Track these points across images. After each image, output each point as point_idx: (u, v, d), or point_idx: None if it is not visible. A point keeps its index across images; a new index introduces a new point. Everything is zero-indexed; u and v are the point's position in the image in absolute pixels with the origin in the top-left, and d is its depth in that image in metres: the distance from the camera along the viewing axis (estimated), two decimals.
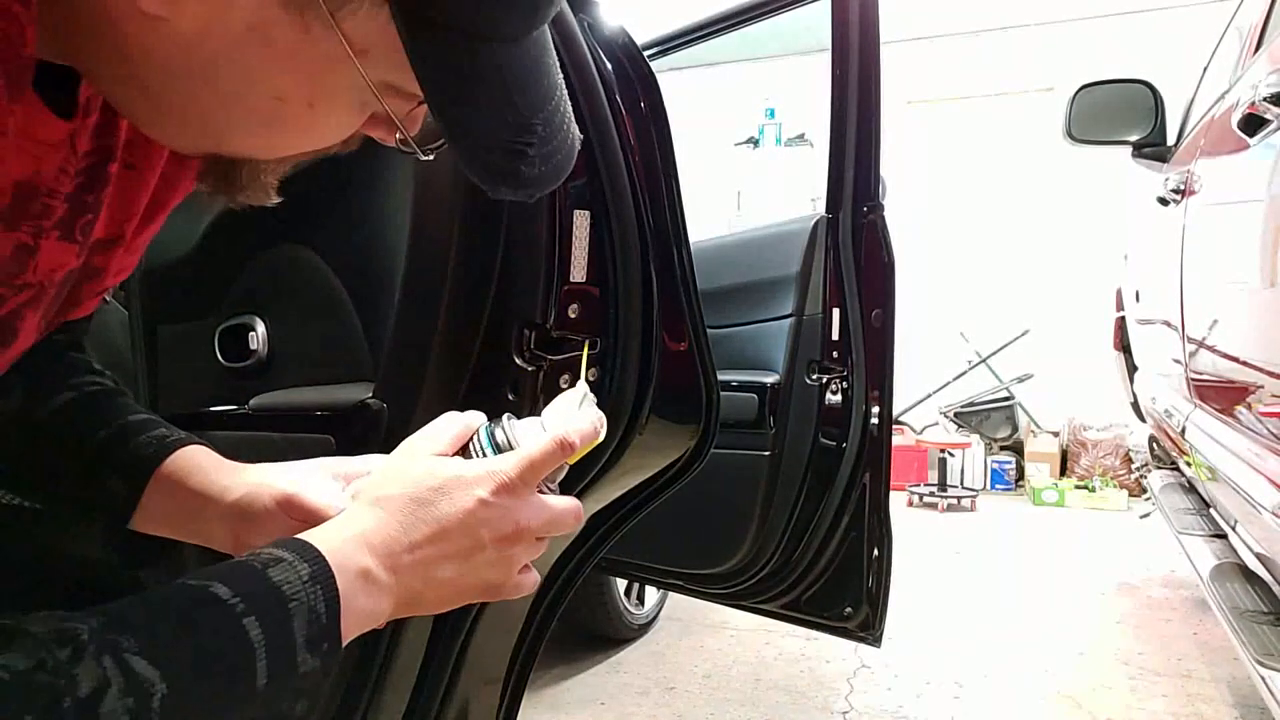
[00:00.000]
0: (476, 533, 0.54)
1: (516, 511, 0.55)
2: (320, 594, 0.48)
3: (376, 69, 0.46)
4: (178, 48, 0.44)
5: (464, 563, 0.54)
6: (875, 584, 1.57)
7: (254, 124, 0.49)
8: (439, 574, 0.54)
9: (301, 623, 0.46)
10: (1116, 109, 2.46)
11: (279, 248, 1.10)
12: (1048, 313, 5.25)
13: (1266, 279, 1.31)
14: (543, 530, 0.57)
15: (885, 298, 1.55)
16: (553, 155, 0.50)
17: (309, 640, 0.47)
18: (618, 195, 0.89)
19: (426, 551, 0.53)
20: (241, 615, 0.44)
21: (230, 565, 0.48)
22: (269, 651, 0.45)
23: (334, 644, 0.48)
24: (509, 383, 0.86)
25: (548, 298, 0.85)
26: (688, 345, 0.99)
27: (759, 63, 5.88)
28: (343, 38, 0.44)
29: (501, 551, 0.55)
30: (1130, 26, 5.12)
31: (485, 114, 0.47)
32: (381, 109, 0.49)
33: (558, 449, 0.57)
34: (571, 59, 0.87)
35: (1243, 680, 2.31)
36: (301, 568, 0.48)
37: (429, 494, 0.54)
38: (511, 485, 0.55)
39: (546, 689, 2.31)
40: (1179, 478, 2.75)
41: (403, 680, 0.96)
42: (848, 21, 1.53)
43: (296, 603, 0.47)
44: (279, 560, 0.48)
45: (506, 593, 0.58)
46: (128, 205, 0.61)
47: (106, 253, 0.62)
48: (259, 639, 0.44)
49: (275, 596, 0.46)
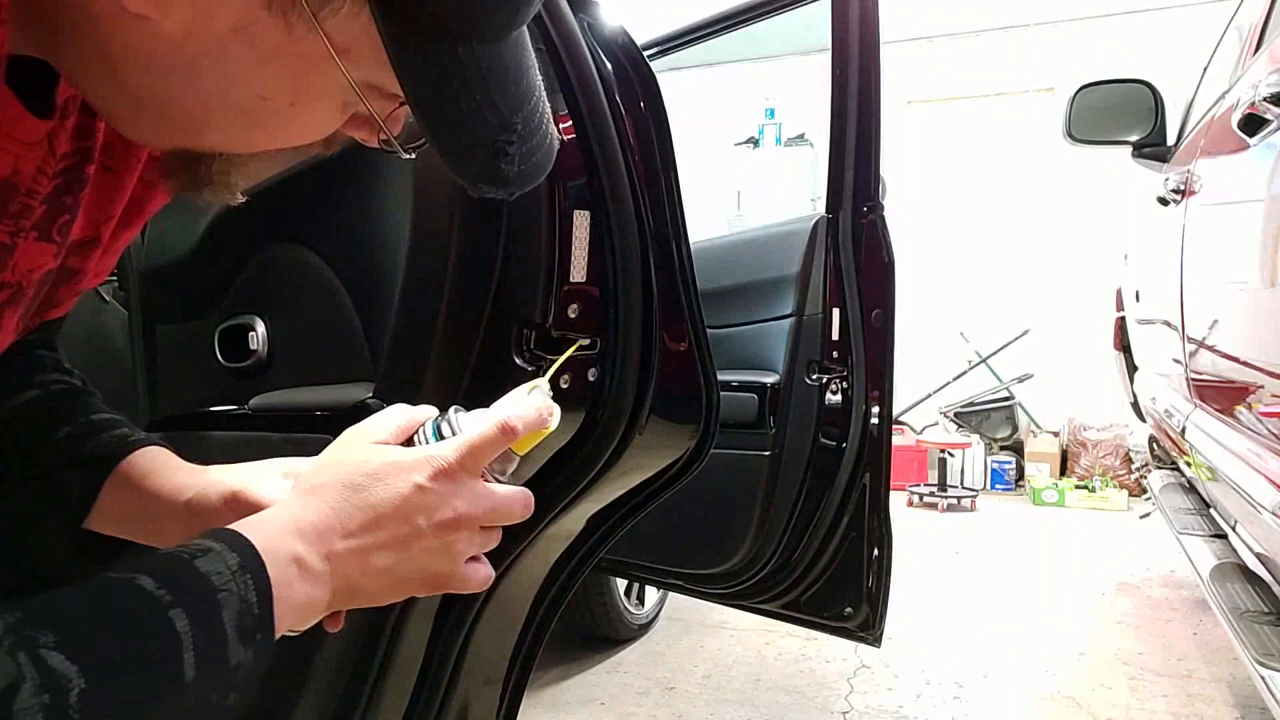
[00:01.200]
0: (413, 519, 0.52)
1: (455, 497, 0.53)
2: (251, 583, 0.46)
3: (359, 68, 0.47)
4: (162, 46, 0.44)
5: (402, 551, 0.52)
6: (875, 584, 1.57)
7: (235, 121, 0.49)
8: (376, 562, 0.52)
9: (231, 613, 0.45)
10: (1116, 109, 2.46)
11: (279, 248, 1.10)
12: (1048, 313, 5.25)
13: (1266, 279, 1.31)
14: (487, 518, 0.55)
15: (885, 298, 1.55)
16: (533, 153, 0.51)
17: (240, 631, 0.45)
18: (618, 195, 0.89)
19: (362, 539, 0.51)
20: (168, 607, 0.43)
21: (157, 556, 0.46)
22: (196, 643, 0.43)
23: (267, 634, 0.47)
24: (509, 383, 0.85)
25: (547, 298, 0.85)
26: (688, 345, 0.99)
27: (759, 63, 5.87)
28: (325, 37, 0.45)
29: (442, 539, 0.53)
30: (1130, 26, 5.12)
31: (466, 113, 0.47)
32: (364, 108, 0.50)
33: (498, 433, 0.55)
34: (571, 59, 0.87)
35: (1243, 680, 2.31)
36: (230, 557, 0.46)
37: (364, 480, 0.53)
38: (450, 470, 0.53)
39: (546, 689, 2.31)
40: (1179, 478, 2.75)
41: (403, 680, 0.96)
42: (848, 21, 1.53)
43: (226, 593, 0.45)
44: (207, 550, 0.46)
45: (454, 585, 0.55)
46: (105, 207, 0.61)
47: (84, 254, 0.62)
48: (185, 630, 0.43)
49: (203, 587, 0.44)
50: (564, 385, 0.87)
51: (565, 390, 0.87)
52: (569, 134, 0.88)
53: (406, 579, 0.53)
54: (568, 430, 0.90)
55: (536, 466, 0.91)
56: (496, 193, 0.51)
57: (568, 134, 0.88)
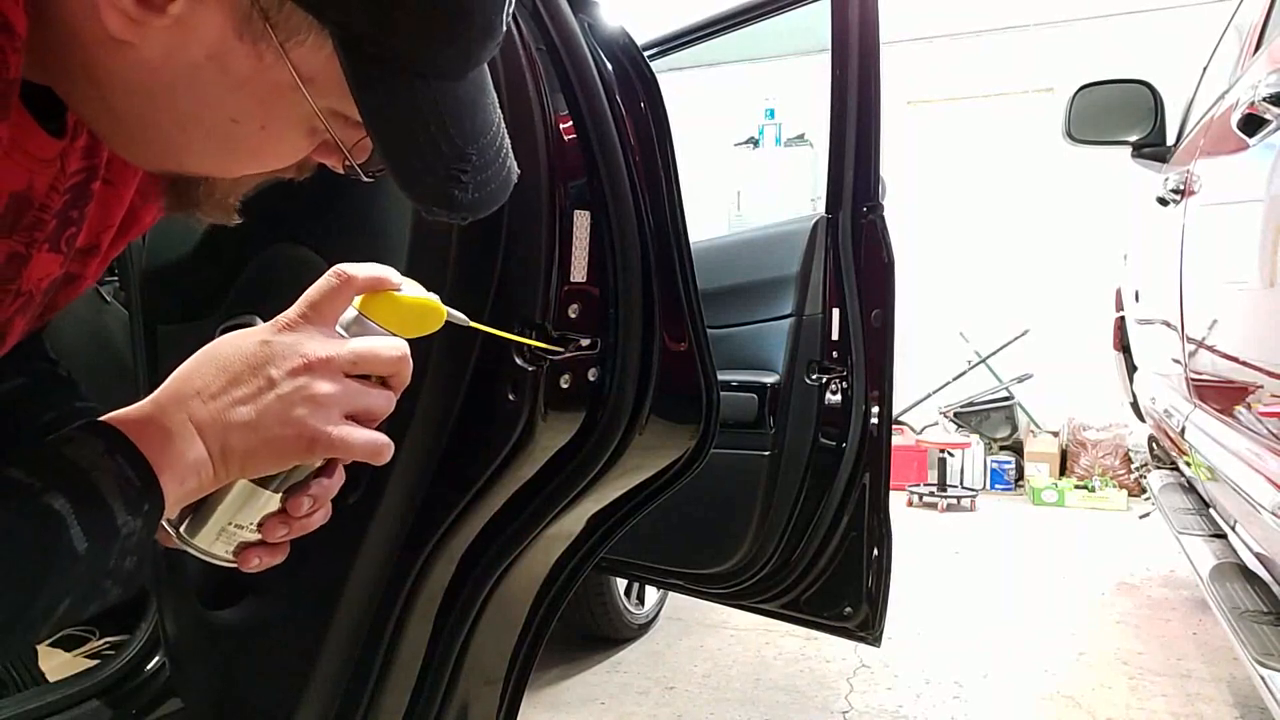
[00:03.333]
0: (264, 370, 0.53)
1: (302, 345, 0.54)
2: (123, 459, 0.49)
3: (323, 96, 0.50)
4: (142, 71, 0.48)
5: (259, 401, 0.52)
6: (875, 584, 1.57)
7: (210, 144, 0.53)
8: (237, 416, 0.52)
9: (112, 485, 0.48)
10: (1116, 109, 2.46)
11: (279, 248, 1.10)
12: (1048, 313, 5.25)
13: (1266, 279, 1.31)
14: (347, 364, 0.54)
15: (885, 298, 1.55)
16: (487, 184, 0.54)
17: (128, 502, 0.48)
18: (618, 195, 0.89)
19: (220, 399, 0.53)
20: (40, 493, 0.46)
21: (24, 450, 0.49)
22: (80, 519, 0.46)
23: (155, 501, 0.50)
24: (509, 382, 0.86)
25: (547, 297, 0.85)
26: (688, 345, 0.99)
27: (759, 63, 5.87)
28: (291, 66, 0.48)
29: (295, 384, 0.52)
30: (1130, 26, 5.12)
31: (421, 143, 0.51)
32: (328, 134, 0.53)
33: (334, 281, 0.55)
34: (571, 59, 0.87)
35: (1243, 680, 2.31)
36: (95, 442, 0.49)
37: (212, 348, 0.55)
38: (292, 323, 0.55)
39: (546, 689, 2.31)
40: (1179, 478, 2.75)
41: (403, 680, 0.96)
42: (848, 21, 1.53)
43: (98, 471, 0.48)
44: (70, 439, 0.49)
45: (333, 445, 0.54)
46: (106, 218, 0.65)
47: (85, 261, 0.66)
48: (65, 508, 0.46)
49: (73, 469, 0.48)
50: (564, 385, 0.87)
51: (565, 390, 0.87)
52: (569, 134, 0.88)
53: (276, 435, 0.53)
54: (568, 430, 0.90)
55: (537, 466, 0.91)
56: (449, 217, 0.54)
57: (568, 134, 0.88)
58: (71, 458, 0.48)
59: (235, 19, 0.46)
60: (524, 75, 0.84)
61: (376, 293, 0.57)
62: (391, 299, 0.57)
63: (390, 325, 0.57)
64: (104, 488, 0.48)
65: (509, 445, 0.86)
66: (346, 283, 0.56)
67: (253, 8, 0.46)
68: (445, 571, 0.94)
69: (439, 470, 0.90)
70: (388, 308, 0.57)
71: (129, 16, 0.45)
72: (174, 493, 0.51)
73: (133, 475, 0.49)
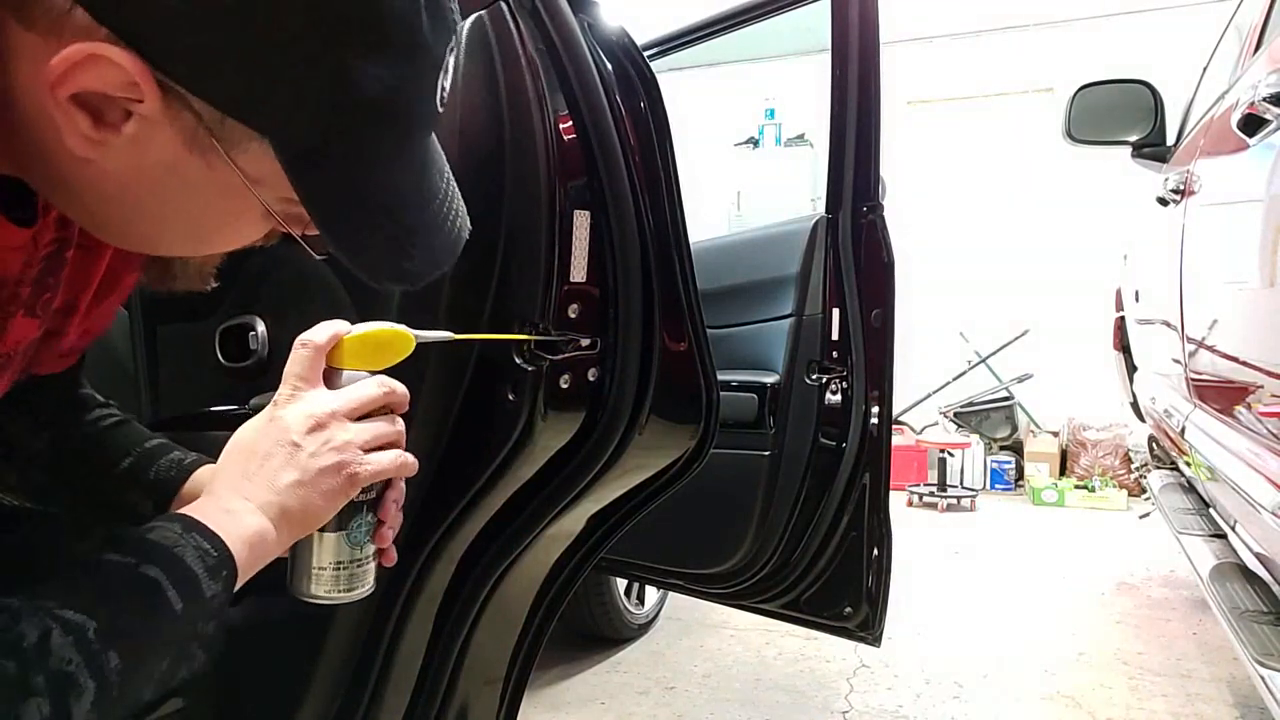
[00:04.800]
0: (285, 438, 0.62)
1: (307, 408, 0.63)
2: (198, 536, 0.57)
3: (272, 191, 0.55)
4: (107, 181, 0.53)
5: (294, 463, 0.61)
6: (875, 584, 1.57)
7: (179, 235, 0.59)
8: (282, 480, 0.61)
9: (194, 558, 0.56)
10: (1116, 109, 2.46)
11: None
12: (1048, 313, 5.25)
13: (1266, 279, 1.31)
14: (345, 409, 0.63)
15: (885, 298, 1.55)
16: (435, 251, 0.59)
17: (208, 570, 0.56)
18: (618, 195, 0.89)
19: (261, 474, 0.61)
20: (137, 565, 0.54)
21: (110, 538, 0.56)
22: (174, 583, 0.54)
23: (232, 568, 0.58)
24: (509, 383, 0.86)
25: (547, 298, 0.85)
26: (688, 345, 0.99)
27: (759, 63, 5.87)
28: (239, 172, 0.53)
29: (318, 440, 0.62)
30: (1130, 26, 5.12)
31: (365, 229, 0.56)
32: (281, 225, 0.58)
33: (304, 351, 0.64)
34: (571, 59, 0.87)
35: (1243, 680, 2.31)
36: (173, 525, 0.57)
37: (237, 443, 0.65)
38: (284, 399, 0.63)
39: (546, 689, 2.31)
40: (1179, 478, 2.75)
41: (403, 680, 0.96)
42: (848, 21, 1.53)
43: (180, 546, 0.56)
44: (154, 528, 0.57)
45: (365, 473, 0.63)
46: (83, 280, 0.70)
47: (63, 320, 0.71)
48: (159, 576, 0.53)
49: (159, 547, 0.55)
50: (564, 385, 0.87)
51: (565, 390, 0.87)
52: (569, 134, 0.88)
53: (321, 485, 0.62)
54: (567, 430, 0.90)
55: (537, 466, 0.91)
56: (399, 285, 0.62)
57: (568, 134, 0.88)
58: (156, 540, 0.56)
59: (184, 135, 0.51)
60: (524, 75, 0.84)
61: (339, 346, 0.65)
62: (356, 342, 0.65)
63: (367, 365, 0.65)
64: (188, 559, 0.55)
65: (509, 445, 0.86)
66: (313, 348, 0.64)
67: (199, 125, 0.50)
68: (445, 572, 0.94)
69: (439, 470, 0.90)
70: (356, 353, 0.65)
71: (88, 137, 0.50)
72: (244, 558, 0.59)
73: (209, 548, 0.57)
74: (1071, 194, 5.20)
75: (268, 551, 0.61)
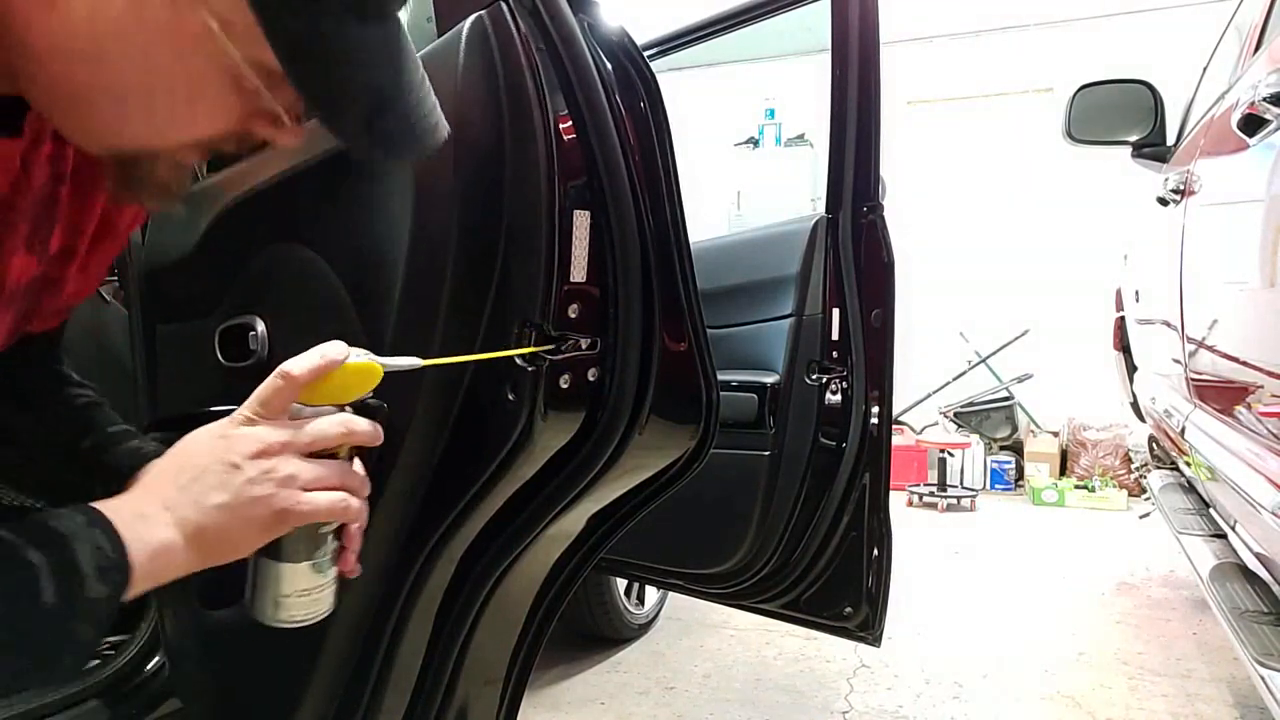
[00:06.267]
0: (227, 457, 0.59)
1: (258, 433, 0.60)
2: (100, 533, 0.54)
3: (242, 44, 0.52)
4: (69, 32, 0.51)
5: (227, 486, 0.59)
6: (875, 584, 1.57)
7: (139, 104, 0.55)
8: (210, 500, 0.58)
9: (86, 554, 0.53)
10: (1116, 109, 2.46)
11: (279, 248, 1.10)
12: (1048, 313, 5.25)
13: (1266, 279, 1.31)
14: (303, 445, 0.61)
15: (885, 298, 1.55)
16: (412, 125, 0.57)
17: (99, 570, 0.53)
18: (618, 195, 0.89)
19: (191, 488, 0.59)
20: (21, 546, 0.51)
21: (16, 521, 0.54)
22: (54, 573, 0.51)
23: (124, 573, 0.55)
24: (508, 383, 0.85)
25: (547, 297, 0.85)
26: (688, 345, 0.99)
27: (759, 63, 5.87)
28: (207, 12, 0.51)
29: (260, 467, 0.59)
30: (1130, 26, 5.12)
31: (338, 79, 0.53)
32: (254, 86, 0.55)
33: (277, 380, 0.61)
34: (571, 59, 0.87)
35: (1243, 680, 2.31)
36: (78, 516, 0.55)
37: (179, 447, 0.62)
38: (246, 419, 0.61)
39: (546, 689, 2.31)
40: (1179, 478, 2.75)
41: (403, 680, 0.96)
42: (848, 21, 1.53)
43: (77, 539, 0.53)
44: (60, 515, 0.55)
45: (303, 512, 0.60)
46: (80, 221, 0.70)
47: (62, 264, 0.71)
48: (40, 561, 0.51)
49: (54, 533, 0.53)
50: (564, 385, 0.87)
51: (565, 390, 0.87)
52: (569, 134, 0.88)
53: (250, 516, 0.59)
54: (567, 430, 0.90)
55: (537, 467, 0.91)
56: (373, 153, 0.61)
57: (568, 134, 0.88)
58: (54, 527, 0.53)
59: None
60: (524, 75, 0.84)
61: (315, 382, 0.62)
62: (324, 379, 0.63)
63: (331, 400, 0.64)
64: (80, 554, 0.53)
65: (508, 445, 0.86)
66: (290, 380, 0.61)
67: None
68: (445, 572, 0.94)
69: (438, 470, 0.90)
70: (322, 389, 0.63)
71: None
72: (144, 568, 0.56)
73: (107, 548, 0.54)
74: (1071, 194, 5.20)
75: (173, 567, 0.58)
